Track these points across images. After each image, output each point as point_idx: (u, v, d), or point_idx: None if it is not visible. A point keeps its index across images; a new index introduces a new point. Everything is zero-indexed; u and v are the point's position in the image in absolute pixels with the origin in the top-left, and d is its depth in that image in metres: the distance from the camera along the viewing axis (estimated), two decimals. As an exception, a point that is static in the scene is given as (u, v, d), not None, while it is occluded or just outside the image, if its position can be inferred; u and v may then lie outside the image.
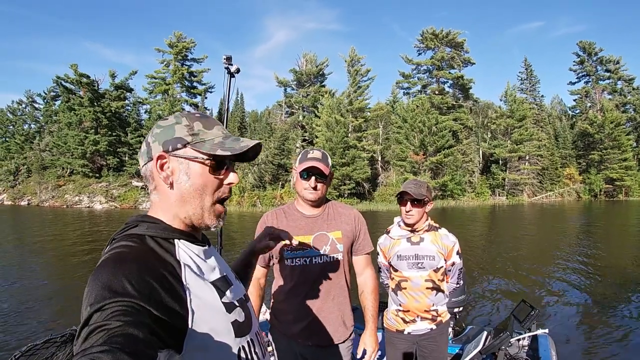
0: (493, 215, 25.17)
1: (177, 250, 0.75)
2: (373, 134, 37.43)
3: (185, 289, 0.69)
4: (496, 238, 14.13)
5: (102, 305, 0.55)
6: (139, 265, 0.64)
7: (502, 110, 40.57)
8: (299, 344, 1.67)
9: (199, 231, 0.84)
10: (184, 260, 0.74)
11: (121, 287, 0.58)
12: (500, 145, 39.16)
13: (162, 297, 0.63)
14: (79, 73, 35.23)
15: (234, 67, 2.90)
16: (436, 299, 2.11)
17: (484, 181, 38.77)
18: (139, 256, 0.67)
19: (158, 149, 0.78)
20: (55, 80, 36.40)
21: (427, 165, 34.63)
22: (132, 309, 0.56)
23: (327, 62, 37.85)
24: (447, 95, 40.40)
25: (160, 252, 0.72)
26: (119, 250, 0.68)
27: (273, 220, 1.73)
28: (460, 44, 40.56)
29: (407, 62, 41.17)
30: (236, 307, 0.80)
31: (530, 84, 46.18)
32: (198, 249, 0.80)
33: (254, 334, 0.83)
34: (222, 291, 0.78)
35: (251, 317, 0.85)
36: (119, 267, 0.62)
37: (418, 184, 2.09)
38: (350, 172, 32.47)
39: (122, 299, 0.56)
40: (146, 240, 0.73)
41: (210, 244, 0.88)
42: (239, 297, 0.84)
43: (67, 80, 35.63)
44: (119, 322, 0.52)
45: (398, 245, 2.15)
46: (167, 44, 35.94)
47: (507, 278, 7.71)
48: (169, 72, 36.01)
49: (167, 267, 0.69)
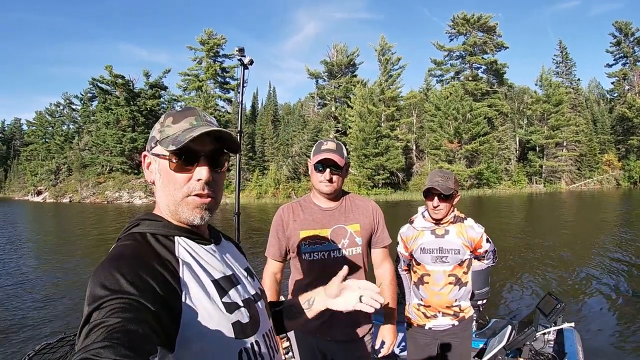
0: (529, 204, 24.48)
1: (176, 247, 0.74)
2: (407, 123, 36.94)
3: (182, 287, 0.68)
4: (530, 227, 13.68)
5: (100, 303, 0.56)
6: (134, 262, 0.65)
7: (537, 95, 39.20)
8: (318, 339, 1.66)
9: (203, 228, 0.83)
10: (183, 257, 0.73)
11: (117, 284, 0.59)
12: (537, 132, 37.88)
13: (157, 293, 0.62)
14: (114, 74, 36.30)
15: (247, 58, 2.92)
16: (459, 294, 2.00)
17: (521, 169, 37.65)
18: (136, 253, 0.68)
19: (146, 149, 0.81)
20: (92, 82, 37.65)
21: (462, 154, 33.94)
22: (130, 305, 0.57)
23: (358, 52, 37.61)
24: (481, 81, 39.37)
25: (159, 249, 0.72)
26: (118, 249, 0.69)
27: (289, 213, 1.69)
28: (493, 28, 39.40)
29: (439, 48, 40.37)
30: (240, 308, 0.76)
31: (566, 67, 44.32)
32: (199, 246, 0.78)
33: (261, 334, 0.80)
34: (224, 291, 0.76)
35: (259, 318, 0.81)
36: (114, 264, 0.63)
37: (445, 176, 1.96)
38: (384, 162, 32.24)
39: (120, 295, 0.57)
40: (147, 238, 0.73)
41: (221, 241, 0.87)
42: (245, 297, 0.81)
43: (102, 81, 36.76)
44: (118, 319, 0.53)
45: (422, 237, 2.04)
46: (198, 42, 36.49)
47: (537, 269, 7.36)
48: (202, 69, 36.62)
49: (164, 264, 0.69)
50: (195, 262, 0.74)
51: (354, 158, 32.99)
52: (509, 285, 6.41)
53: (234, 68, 37.69)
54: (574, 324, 2.63)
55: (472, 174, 33.39)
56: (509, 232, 12.19)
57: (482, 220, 2.15)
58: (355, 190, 32.04)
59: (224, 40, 36.65)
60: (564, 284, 6.45)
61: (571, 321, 2.65)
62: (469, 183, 33.65)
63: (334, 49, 37.39)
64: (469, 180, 33.65)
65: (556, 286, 6.27)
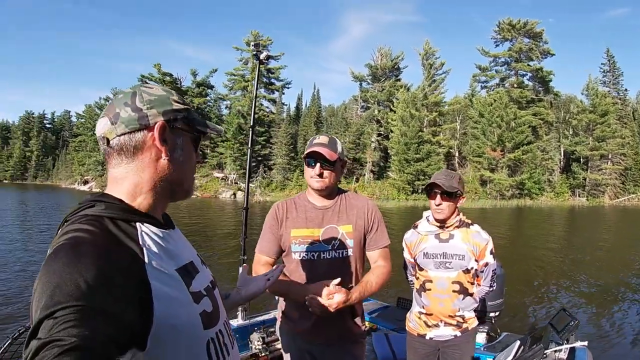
0: (571, 217, 23.96)
1: (139, 234, 0.67)
2: (450, 129, 36.70)
3: (149, 279, 0.62)
4: (565, 241, 13.45)
5: (53, 310, 0.49)
6: (96, 255, 0.56)
7: (583, 105, 38.17)
8: (307, 342, 1.59)
9: (159, 212, 0.76)
10: (148, 245, 0.66)
11: (75, 287, 0.51)
12: (582, 143, 36.88)
13: (123, 291, 0.56)
14: (162, 72, 37.57)
15: (263, 54, 2.96)
16: (463, 303, 1.91)
17: (564, 180, 36.70)
18: (97, 243, 0.59)
19: (158, 117, 0.71)
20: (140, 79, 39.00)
21: (505, 162, 33.38)
22: (87, 315, 0.50)
23: (403, 55, 37.58)
24: (527, 88, 38.50)
25: (120, 236, 0.64)
26: (74, 235, 0.59)
27: (283, 210, 1.63)
28: (539, 34, 38.49)
29: (484, 54, 39.75)
30: (204, 297, 0.73)
31: (613, 77, 42.82)
32: (162, 232, 0.72)
33: (222, 324, 0.78)
34: (189, 279, 0.71)
35: (218, 306, 0.79)
36: (73, 259, 0.54)
37: (449, 175, 1.90)
38: (425, 168, 32.07)
39: (76, 303, 0.50)
40: (105, 222, 0.64)
41: (174, 227, 0.80)
42: (205, 284, 0.77)
43: (151, 78, 38.03)
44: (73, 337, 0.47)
45: (425, 242, 1.96)
46: (244, 43, 37.29)
47: (561, 283, 7.20)
48: (248, 69, 37.38)
49: (128, 254, 0.62)
50: (158, 250, 0.68)
51: (395, 162, 33.11)
52: (526, 297, 6.22)
53: (279, 69, 38.49)
54: (587, 343, 2.49)
55: (514, 184, 32.82)
56: (543, 244, 12.11)
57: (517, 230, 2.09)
58: (395, 195, 32.22)
59: (269, 41, 37.38)
60: (584, 301, 6.24)
61: (585, 340, 2.52)
62: (510, 193, 33.13)
63: (378, 52, 37.57)
64: (510, 190, 33.13)
65: (575, 302, 6.10)
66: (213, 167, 36.00)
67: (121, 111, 0.70)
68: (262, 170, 34.77)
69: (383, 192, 32.65)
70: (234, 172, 34.38)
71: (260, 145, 35.02)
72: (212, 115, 38.77)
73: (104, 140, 0.71)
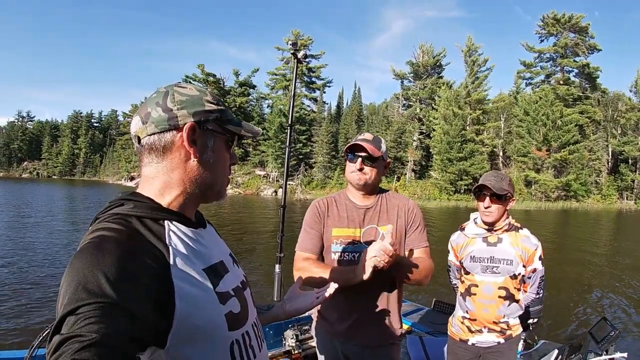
0: (618, 221, 23.21)
1: (166, 233, 0.67)
2: (494, 127, 36.08)
3: (174, 279, 0.63)
4: (613, 246, 13.07)
5: (76, 307, 0.51)
6: (119, 253, 0.58)
7: (632, 103, 36.65)
8: (343, 343, 1.57)
9: (191, 212, 0.76)
10: (175, 244, 0.67)
11: (97, 285, 0.53)
12: (630, 142, 35.45)
13: (145, 289, 0.57)
14: (206, 72, 38.99)
15: (301, 53, 2.92)
16: (508, 309, 1.86)
17: (612, 182, 35.39)
18: (122, 242, 0.60)
19: (188, 118, 0.71)
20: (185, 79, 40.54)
21: (550, 162, 32.56)
22: (109, 312, 0.52)
23: (445, 52, 37.30)
24: (573, 85, 37.36)
25: (147, 235, 0.65)
26: (100, 234, 0.61)
27: (324, 208, 1.59)
28: (585, 29, 37.17)
29: (528, 49, 38.82)
30: (231, 297, 0.73)
31: (665, 72, 40.96)
32: (191, 231, 0.73)
33: (250, 325, 0.77)
34: (216, 279, 0.71)
35: (247, 307, 0.78)
36: (97, 258, 0.56)
37: (499, 176, 1.86)
38: (468, 167, 31.76)
39: (98, 300, 0.52)
40: (132, 221, 0.65)
41: (206, 225, 0.81)
42: (235, 285, 0.77)
43: (195, 79, 39.53)
44: (93, 333, 0.49)
45: (472, 244, 1.92)
46: (285, 42, 38.06)
47: (604, 291, 6.99)
48: (289, 69, 38.16)
49: (154, 252, 0.63)
50: (186, 249, 0.69)
51: (437, 162, 32.96)
52: (566, 304, 6.08)
53: (320, 68, 39.06)
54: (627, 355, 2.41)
55: (560, 185, 31.99)
56: (588, 247, 11.92)
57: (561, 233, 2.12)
58: (436, 195, 32.08)
59: (310, 40, 38.00)
60: (626, 310, 6.06)
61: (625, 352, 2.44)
62: (556, 194, 32.34)
63: (420, 49, 37.43)
64: (555, 192, 32.34)
65: (616, 312, 5.94)
66: (255, 165, 37.13)
67: (152, 111, 0.71)
68: (303, 169, 35.46)
69: (424, 192, 32.54)
70: (275, 170, 35.29)
71: (301, 144, 35.70)
72: (254, 114, 39.91)
73: (136, 138, 0.73)
